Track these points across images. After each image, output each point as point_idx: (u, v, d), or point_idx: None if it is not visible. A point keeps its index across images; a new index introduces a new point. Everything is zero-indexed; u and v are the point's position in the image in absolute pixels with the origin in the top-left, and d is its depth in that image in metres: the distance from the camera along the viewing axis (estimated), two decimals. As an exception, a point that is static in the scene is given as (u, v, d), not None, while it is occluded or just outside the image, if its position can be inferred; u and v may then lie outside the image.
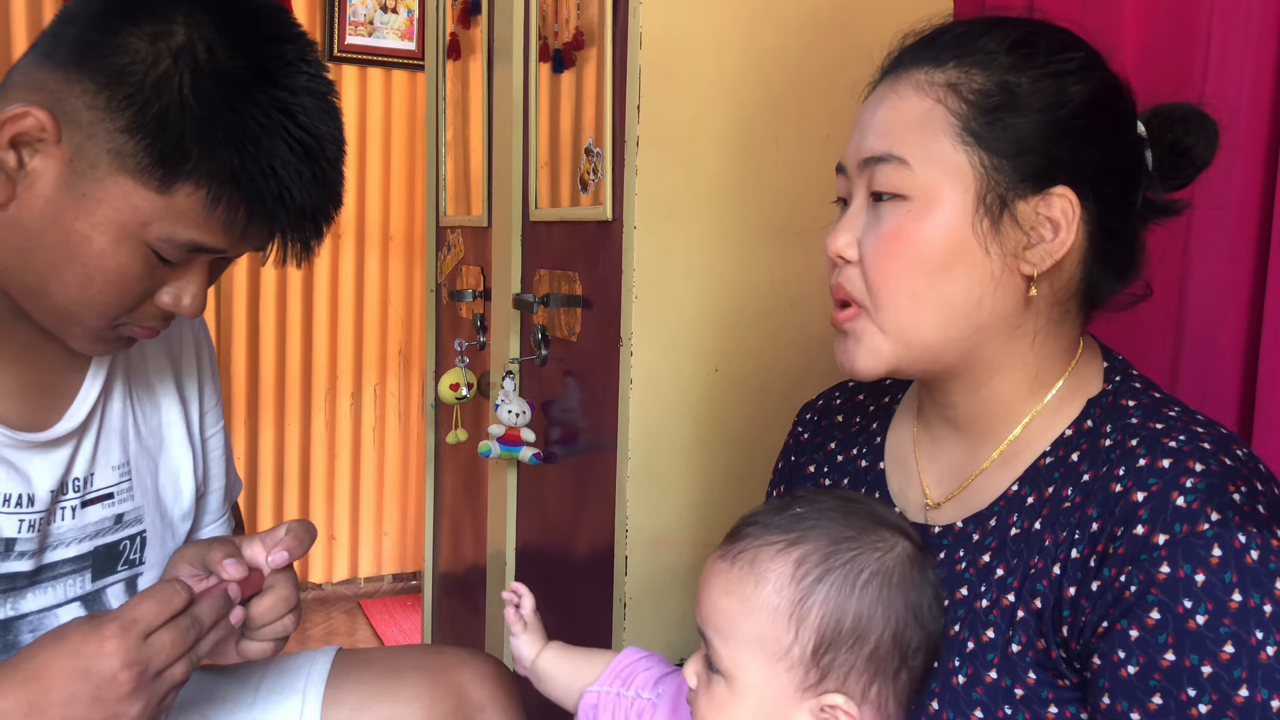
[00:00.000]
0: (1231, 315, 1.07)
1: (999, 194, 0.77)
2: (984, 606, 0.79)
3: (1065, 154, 0.77)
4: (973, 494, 0.85)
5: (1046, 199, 0.77)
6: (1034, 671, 0.76)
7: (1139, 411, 0.78)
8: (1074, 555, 0.75)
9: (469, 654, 1.20)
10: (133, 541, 1.01)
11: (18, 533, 0.89)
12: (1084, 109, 0.78)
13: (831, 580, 0.76)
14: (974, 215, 0.77)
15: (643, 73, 1.34)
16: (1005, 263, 0.78)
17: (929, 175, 0.77)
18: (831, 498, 0.82)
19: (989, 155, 0.77)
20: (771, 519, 0.80)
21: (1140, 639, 0.70)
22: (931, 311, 0.78)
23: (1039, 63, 0.78)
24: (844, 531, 0.78)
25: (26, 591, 0.91)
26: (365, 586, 3.46)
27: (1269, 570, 0.68)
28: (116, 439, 0.99)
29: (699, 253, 1.39)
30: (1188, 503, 0.70)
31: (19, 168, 0.80)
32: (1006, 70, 0.78)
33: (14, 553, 0.89)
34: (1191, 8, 1.10)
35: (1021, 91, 0.77)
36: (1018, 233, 0.77)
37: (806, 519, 0.78)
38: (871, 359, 0.81)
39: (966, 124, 0.77)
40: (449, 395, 2.04)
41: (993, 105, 0.77)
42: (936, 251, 0.77)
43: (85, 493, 0.96)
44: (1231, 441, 0.75)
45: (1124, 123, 0.81)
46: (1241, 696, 0.67)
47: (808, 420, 1.05)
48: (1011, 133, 0.77)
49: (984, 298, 0.78)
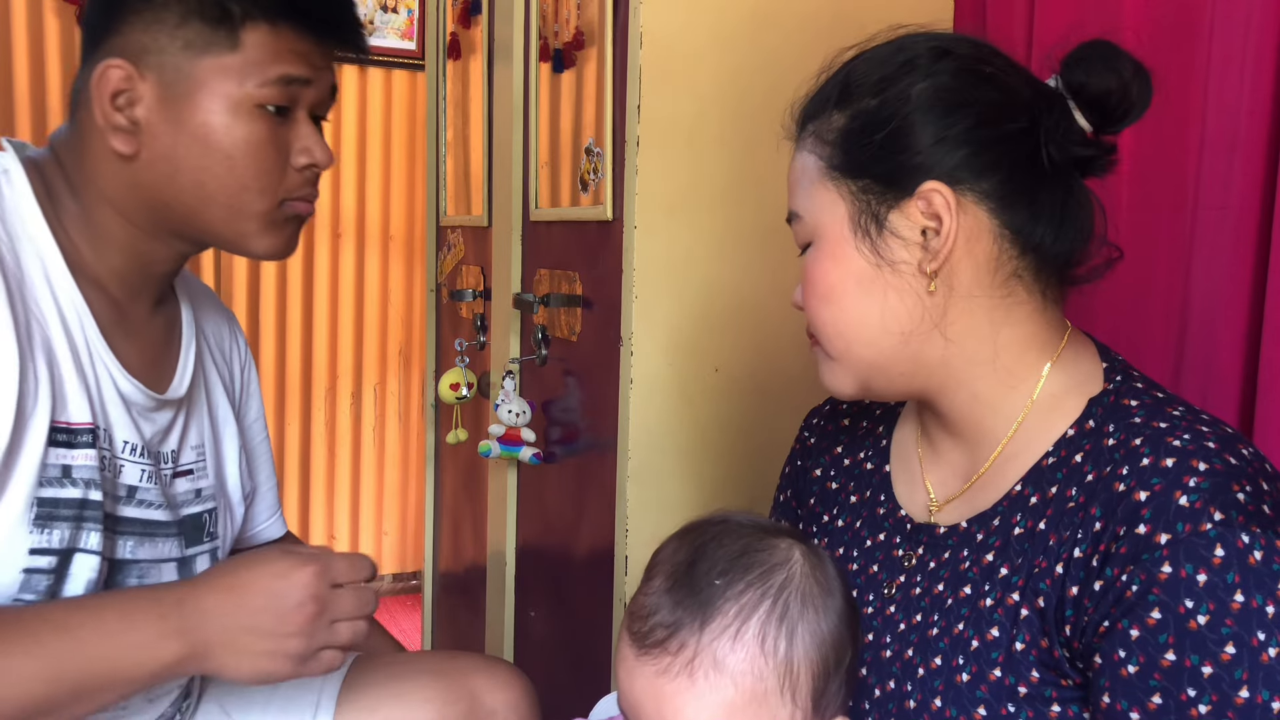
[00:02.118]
0: (1231, 315, 1.07)
1: (871, 212, 0.81)
2: (988, 605, 0.79)
3: (920, 154, 0.79)
4: (976, 494, 0.85)
5: (919, 199, 0.80)
6: (1037, 670, 0.76)
7: (1142, 411, 0.78)
8: (1077, 554, 0.75)
9: (484, 660, 1.20)
10: (210, 515, 1.08)
11: (138, 481, 0.98)
12: (931, 103, 0.79)
13: (796, 631, 0.73)
14: (854, 239, 0.82)
15: (643, 73, 1.34)
16: (900, 270, 0.81)
17: (814, 219, 0.84)
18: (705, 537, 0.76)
19: (853, 181, 0.82)
20: (685, 600, 0.73)
21: (1141, 638, 0.70)
22: (855, 335, 0.83)
23: (879, 78, 0.82)
24: (759, 571, 0.73)
25: (146, 540, 0.99)
26: (366, 586, 3.46)
27: (1272, 571, 0.68)
28: (195, 420, 1.08)
29: (699, 253, 1.39)
30: (1190, 502, 0.70)
31: (132, 121, 0.93)
32: (859, 100, 0.82)
33: (137, 500, 0.98)
34: (1191, 8, 1.10)
35: (869, 113, 0.81)
36: (901, 240, 0.81)
37: (716, 580, 0.73)
38: (837, 385, 0.87)
39: (831, 161, 0.83)
40: (449, 395, 2.04)
41: (846, 136, 0.82)
42: (835, 282, 0.83)
43: (176, 465, 1.04)
44: (1237, 441, 0.75)
45: (990, 94, 0.81)
46: (1242, 697, 0.67)
47: (814, 425, 1.06)
48: (865, 153, 0.81)
49: (894, 308, 0.81)
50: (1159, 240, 1.15)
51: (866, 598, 0.89)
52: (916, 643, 0.83)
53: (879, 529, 0.92)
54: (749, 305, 1.41)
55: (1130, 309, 1.17)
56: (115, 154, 0.94)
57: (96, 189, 0.95)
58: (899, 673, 0.83)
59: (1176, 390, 1.12)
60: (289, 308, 3.26)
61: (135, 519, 0.98)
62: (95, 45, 0.95)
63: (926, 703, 0.80)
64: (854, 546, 0.93)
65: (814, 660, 0.73)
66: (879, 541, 0.91)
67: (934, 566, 0.85)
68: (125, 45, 0.93)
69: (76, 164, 0.96)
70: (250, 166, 0.95)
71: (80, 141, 0.96)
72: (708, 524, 0.78)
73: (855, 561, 0.92)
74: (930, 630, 0.82)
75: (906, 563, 0.87)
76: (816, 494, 1.01)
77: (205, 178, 0.94)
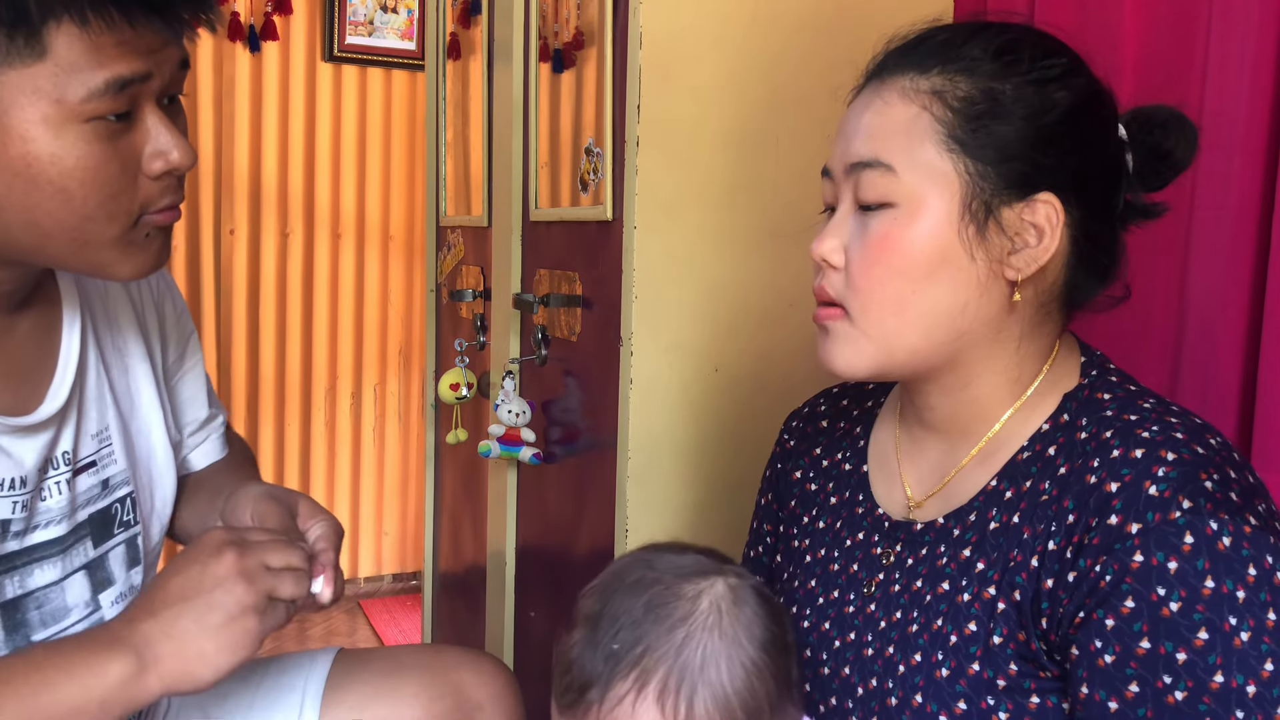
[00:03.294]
0: (1231, 315, 1.07)
1: (984, 200, 0.78)
2: (965, 600, 0.80)
3: (1049, 161, 0.78)
4: (953, 491, 0.86)
5: (1031, 205, 0.78)
6: (1015, 663, 0.77)
7: (1114, 404, 0.79)
8: (1051, 547, 0.76)
9: (469, 653, 1.20)
10: (123, 504, 1.00)
11: (11, 514, 0.88)
12: (1067, 115, 0.78)
13: (697, 691, 0.70)
14: (960, 222, 0.78)
15: (643, 73, 1.34)
16: (990, 269, 0.79)
17: (914, 181, 0.78)
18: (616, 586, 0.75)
19: (974, 162, 0.77)
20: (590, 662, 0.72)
21: (1116, 628, 0.71)
22: (916, 317, 0.79)
23: (1023, 69, 0.78)
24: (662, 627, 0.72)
25: (34, 568, 0.90)
26: (365, 586, 3.46)
27: (1241, 556, 0.69)
28: (94, 408, 0.97)
29: (699, 253, 1.39)
30: (1160, 491, 0.71)
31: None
32: (991, 77, 0.78)
33: (10, 534, 0.89)
34: (1191, 8, 1.10)
35: (1006, 99, 0.78)
36: (1002, 239, 0.78)
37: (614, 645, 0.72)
38: (853, 361, 0.82)
39: (952, 131, 0.78)
40: (449, 395, 2.04)
41: (977, 112, 0.78)
42: (922, 258, 0.78)
43: (74, 465, 0.94)
44: (1205, 431, 0.76)
45: (1106, 128, 0.82)
46: (1216, 682, 0.68)
47: (794, 428, 1.06)
48: (996, 139, 0.77)
49: (969, 303, 0.79)
50: (1158, 240, 1.14)
51: (848, 597, 0.90)
52: (897, 640, 0.83)
53: (858, 528, 0.92)
54: (749, 305, 1.42)
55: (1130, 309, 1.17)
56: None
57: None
58: (880, 670, 0.83)
59: (1175, 392, 1.12)
60: (289, 308, 3.26)
61: (15, 551, 0.89)
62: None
63: (908, 699, 0.80)
64: (834, 547, 0.94)
65: (724, 712, 0.70)
66: (858, 541, 0.92)
67: (912, 563, 0.86)
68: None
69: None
70: (91, 194, 0.78)
71: None
72: (627, 567, 0.76)
73: (836, 561, 0.93)
74: (910, 627, 0.83)
75: (885, 560, 0.88)
76: (797, 496, 1.01)
77: (37, 215, 0.78)
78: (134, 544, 1.02)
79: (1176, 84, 1.12)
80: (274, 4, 3.14)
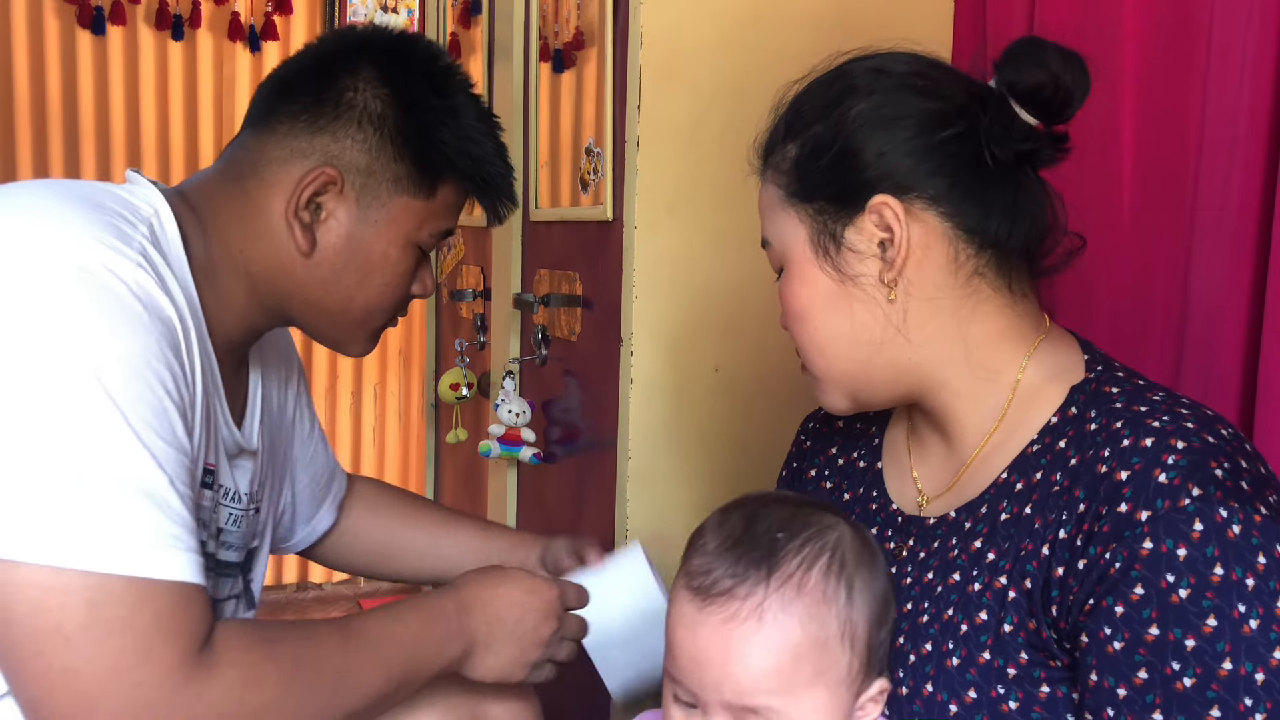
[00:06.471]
0: (1231, 315, 1.07)
1: (828, 231, 0.85)
2: (976, 590, 0.81)
3: (865, 170, 0.83)
4: (964, 486, 0.87)
5: (870, 213, 0.83)
6: (1025, 652, 0.77)
7: (1123, 396, 0.80)
8: (1061, 536, 0.76)
9: None
10: (255, 554, 1.12)
11: (226, 524, 1.02)
12: (870, 120, 0.83)
13: (854, 584, 0.75)
14: (816, 259, 0.86)
15: (643, 73, 1.34)
16: (861, 284, 0.84)
17: (781, 244, 0.88)
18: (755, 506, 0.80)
19: (809, 204, 0.86)
20: (748, 554, 0.75)
21: (1125, 615, 0.71)
22: (833, 351, 0.87)
23: (822, 105, 0.86)
24: (814, 529, 0.77)
25: (226, 579, 1.04)
26: (365, 586, 3.46)
27: (1251, 544, 0.69)
28: (260, 462, 1.10)
29: (699, 253, 1.40)
30: (1169, 479, 0.71)
31: (316, 220, 0.97)
32: (807, 128, 0.86)
33: (221, 543, 1.02)
34: (1191, 8, 1.10)
35: (815, 138, 0.85)
36: (858, 255, 0.84)
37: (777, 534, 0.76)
38: (830, 403, 0.91)
39: (788, 190, 0.87)
40: (449, 395, 2.04)
41: (799, 163, 0.86)
42: (808, 302, 0.86)
43: (249, 505, 1.07)
44: (1216, 421, 0.76)
45: (927, 104, 0.83)
46: (1225, 669, 0.68)
47: (810, 429, 1.08)
48: (816, 177, 0.85)
49: (862, 320, 0.85)
50: (1159, 240, 1.15)
51: None
52: (907, 630, 0.84)
53: (871, 524, 0.93)
54: (749, 305, 1.42)
55: (1130, 309, 1.18)
56: (287, 242, 0.96)
57: (242, 257, 0.96)
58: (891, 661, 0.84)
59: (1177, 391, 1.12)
60: (289, 308, 3.26)
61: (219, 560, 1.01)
62: (295, 130, 0.95)
63: (918, 689, 0.81)
64: None
65: (869, 613, 0.75)
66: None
67: (924, 556, 0.87)
68: (341, 155, 0.96)
69: (220, 223, 0.96)
70: (393, 295, 1.02)
71: (242, 209, 0.96)
72: (750, 499, 0.81)
73: None
74: (921, 618, 0.84)
75: (897, 555, 0.89)
76: (812, 495, 1.02)
77: (356, 294, 1.00)
78: (250, 590, 1.11)
79: (1176, 84, 1.12)
80: (274, 4, 3.15)
